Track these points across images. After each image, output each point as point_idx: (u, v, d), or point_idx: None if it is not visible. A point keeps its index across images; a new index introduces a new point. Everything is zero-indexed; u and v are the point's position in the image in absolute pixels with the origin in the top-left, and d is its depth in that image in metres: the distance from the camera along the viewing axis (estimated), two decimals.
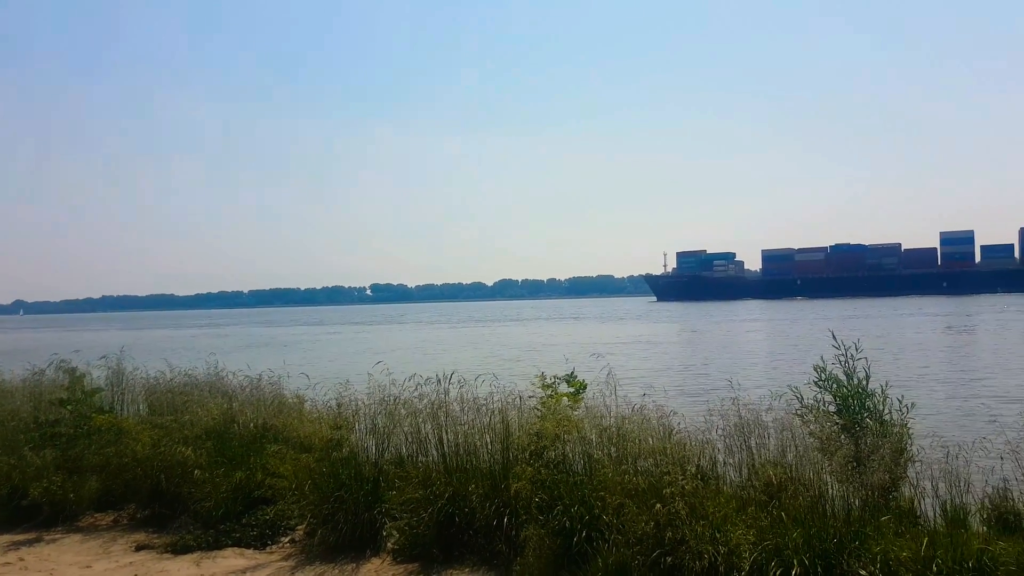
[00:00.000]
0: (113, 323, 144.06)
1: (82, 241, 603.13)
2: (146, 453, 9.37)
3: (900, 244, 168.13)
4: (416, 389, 8.83)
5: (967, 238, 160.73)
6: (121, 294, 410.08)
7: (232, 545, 8.28)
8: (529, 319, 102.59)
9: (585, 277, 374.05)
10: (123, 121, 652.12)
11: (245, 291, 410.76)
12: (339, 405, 9.26)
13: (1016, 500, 6.86)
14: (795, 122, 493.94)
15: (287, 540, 8.38)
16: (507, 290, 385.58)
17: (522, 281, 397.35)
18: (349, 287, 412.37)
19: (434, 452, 8.51)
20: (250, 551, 8.17)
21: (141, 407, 12.68)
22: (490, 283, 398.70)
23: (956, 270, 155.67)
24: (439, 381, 8.78)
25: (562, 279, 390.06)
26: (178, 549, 8.25)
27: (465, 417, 8.47)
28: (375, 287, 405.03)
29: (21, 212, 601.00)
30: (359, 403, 9.08)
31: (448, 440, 8.42)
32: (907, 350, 36.06)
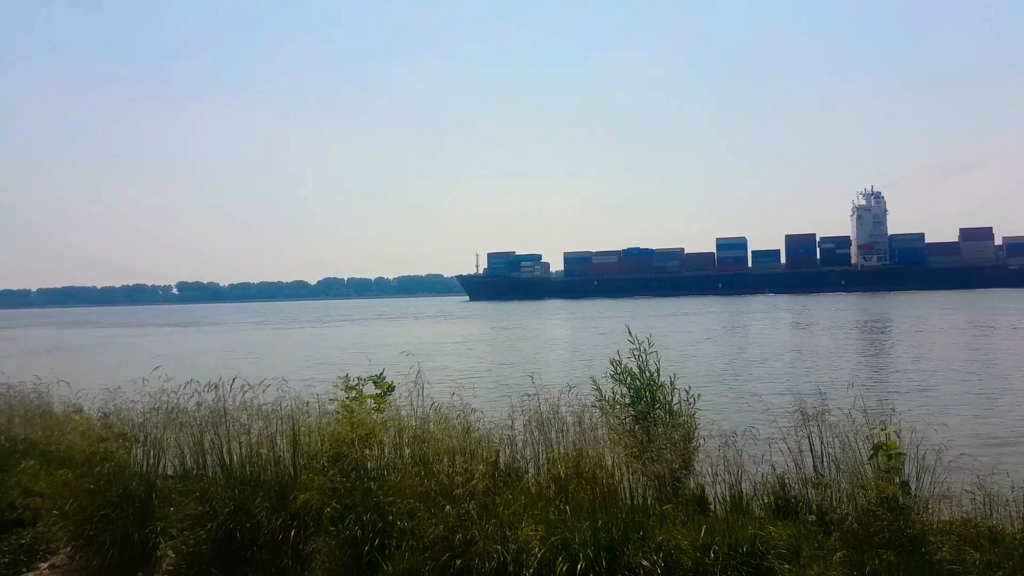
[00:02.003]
0: None
1: None
2: None
3: (683, 248, 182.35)
4: (194, 396, 8.17)
5: (740, 244, 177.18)
6: None
7: None
8: (353, 320, 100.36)
9: (415, 276, 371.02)
10: None
11: (33, 289, 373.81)
12: (107, 415, 8.38)
13: (791, 485, 7.30)
14: (595, 132, 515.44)
15: (46, 566, 7.53)
16: (332, 289, 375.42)
17: (348, 280, 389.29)
18: (152, 286, 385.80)
19: (216, 464, 7.89)
20: None
21: None
22: (313, 282, 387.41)
23: (730, 273, 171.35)
24: (220, 387, 8.17)
25: (391, 278, 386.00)
26: None
27: (253, 425, 7.92)
28: (182, 286, 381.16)
29: None
30: (132, 412, 8.27)
31: (233, 451, 7.84)
32: (690, 346, 38.47)
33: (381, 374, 9.23)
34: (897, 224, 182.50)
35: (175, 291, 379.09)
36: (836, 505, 6.52)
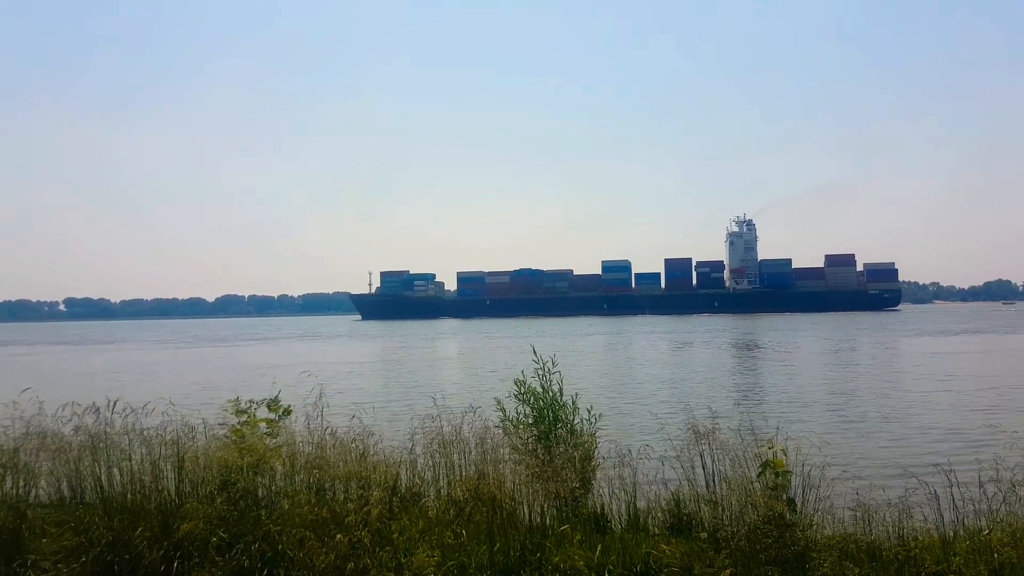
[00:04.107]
0: None
1: None
2: None
3: (572, 270, 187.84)
4: (72, 420, 7.72)
5: (625, 267, 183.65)
6: None
7: None
8: (246, 340, 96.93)
9: (320, 294, 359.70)
10: None
11: None
12: None
13: (685, 502, 7.45)
14: (495, 158, 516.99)
15: None
16: (231, 307, 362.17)
17: (249, 297, 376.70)
18: (38, 301, 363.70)
19: (94, 492, 7.46)
20: None
21: None
22: (211, 299, 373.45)
23: (615, 294, 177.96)
24: (101, 411, 7.75)
25: (295, 296, 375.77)
26: None
27: (135, 451, 7.53)
28: (70, 302, 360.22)
29: None
30: (2, 438, 7.74)
31: (113, 478, 7.44)
32: (583, 365, 38.65)
33: (275, 397, 8.94)
34: (767, 249, 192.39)
35: (62, 307, 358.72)
36: (727, 522, 6.67)
